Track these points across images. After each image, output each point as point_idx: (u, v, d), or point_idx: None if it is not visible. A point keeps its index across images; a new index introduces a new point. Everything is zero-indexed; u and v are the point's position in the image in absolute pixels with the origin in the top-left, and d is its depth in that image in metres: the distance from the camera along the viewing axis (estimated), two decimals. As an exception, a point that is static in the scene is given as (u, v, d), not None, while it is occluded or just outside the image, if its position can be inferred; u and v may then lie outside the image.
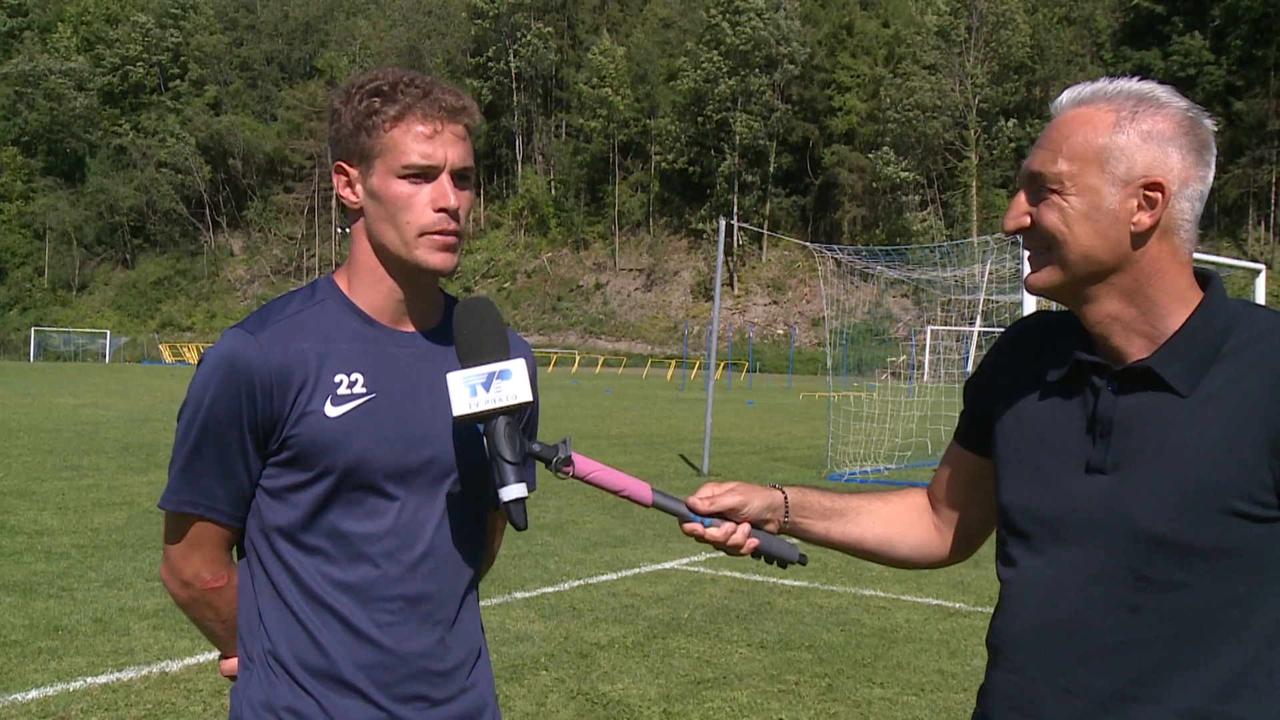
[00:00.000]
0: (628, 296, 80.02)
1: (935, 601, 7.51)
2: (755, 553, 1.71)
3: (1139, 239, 1.49)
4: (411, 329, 1.82)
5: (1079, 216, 1.49)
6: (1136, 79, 1.53)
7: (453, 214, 1.72)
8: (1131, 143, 1.47)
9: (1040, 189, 1.53)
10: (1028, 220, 1.55)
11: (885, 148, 70.17)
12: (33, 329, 71.96)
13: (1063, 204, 1.50)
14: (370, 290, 1.79)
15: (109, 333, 73.12)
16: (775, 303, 75.00)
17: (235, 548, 1.84)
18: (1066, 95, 1.55)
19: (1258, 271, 13.01)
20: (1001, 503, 1.63)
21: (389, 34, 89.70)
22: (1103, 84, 1.53)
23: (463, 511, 1.82)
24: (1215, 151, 1.52)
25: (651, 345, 74.21)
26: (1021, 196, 1.56)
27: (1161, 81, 1.55)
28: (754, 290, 76.10)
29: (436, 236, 1.72)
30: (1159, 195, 1.47)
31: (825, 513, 1.78)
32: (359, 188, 1.76)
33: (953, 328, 27.80)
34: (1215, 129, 1.53)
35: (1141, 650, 1.47)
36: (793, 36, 74.98)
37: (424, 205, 1.71)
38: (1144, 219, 1.48)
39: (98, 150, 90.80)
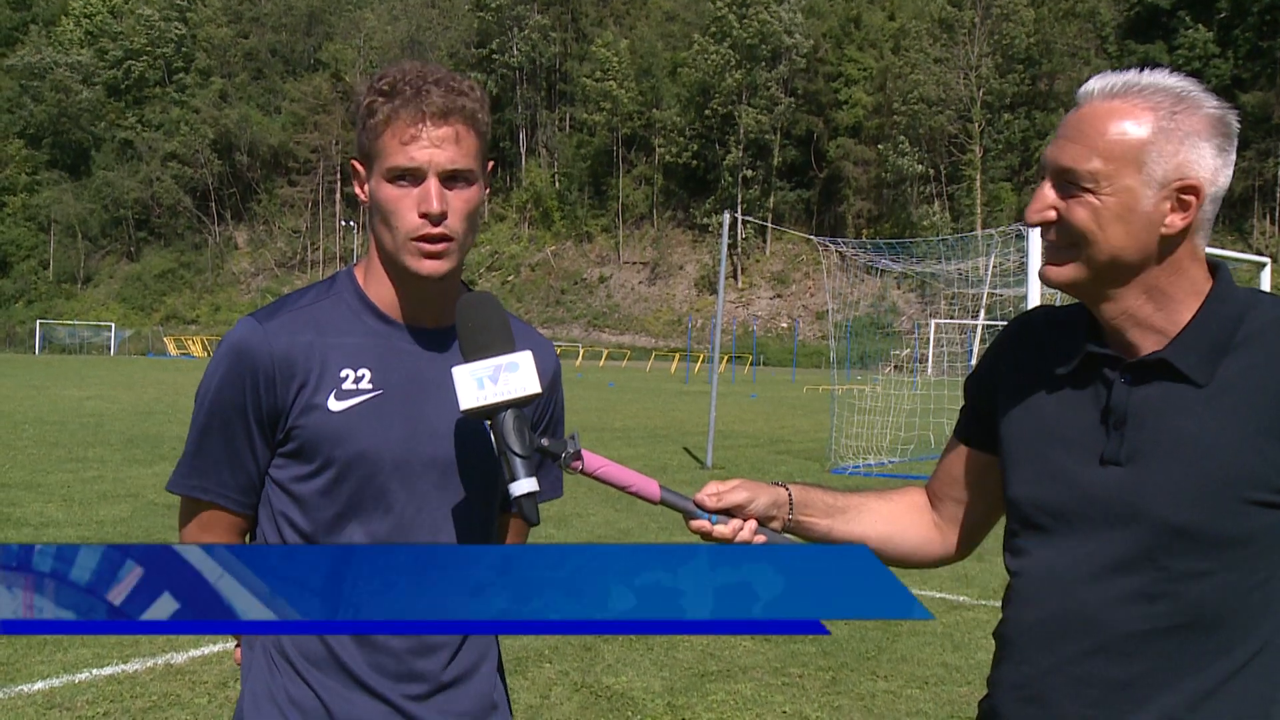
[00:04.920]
0: (631, 290, 79.94)
1: (939, 595, 7.52)
2: None
3: (1169, 240, 1.47)
4: (424, 325, 1.81)
5: (1112, 217, 1.46)
6: (1168, 71, 1.48)
7: (436, 219, 1.68)
8: (1171, 144, 1.44)
9: (1071, 185, 1.48)
10: (1054, 214, 1.50)
11: (900, 136, 69.98)
12: (38, 322, 71.94)
13: (1096, 203, 1.46)
14: (382, 286, 1.79)
15: (114, 325, 73.06)
16: (779, 296, 74.91)
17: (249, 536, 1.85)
18: (1096, 85, 1.50)
19: (1263, 265, 12.99)
20: (1011, 496, 1.62)
21: (393, 27, 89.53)
22: (1133, 76, 1.48)
23: (469, 511, 1.81)
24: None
25: (655, 339, 74.15)
26: (1048, 189, 1.51)
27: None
28: (758, 283, 76.02)
29: (422, 243, 1.69)
30: (1193, 198, 1.45)
31: (828, 510, 1.78)
32: (366, 187, 1.76)
33: (956, 321, 27.77)
34: (1239, 125, 1.50)
35: (1159, 639, 1.47)
36: (797, 29, 74.83)
37: (409, 209, 1.69)
38: (1177, 221, 1.45)
39: (102, 143, 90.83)
